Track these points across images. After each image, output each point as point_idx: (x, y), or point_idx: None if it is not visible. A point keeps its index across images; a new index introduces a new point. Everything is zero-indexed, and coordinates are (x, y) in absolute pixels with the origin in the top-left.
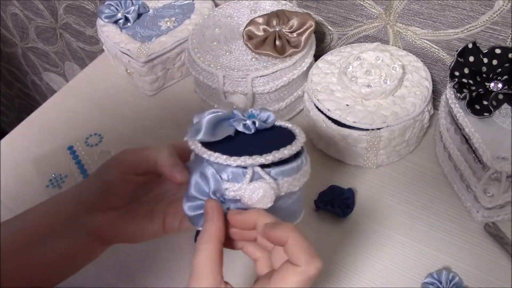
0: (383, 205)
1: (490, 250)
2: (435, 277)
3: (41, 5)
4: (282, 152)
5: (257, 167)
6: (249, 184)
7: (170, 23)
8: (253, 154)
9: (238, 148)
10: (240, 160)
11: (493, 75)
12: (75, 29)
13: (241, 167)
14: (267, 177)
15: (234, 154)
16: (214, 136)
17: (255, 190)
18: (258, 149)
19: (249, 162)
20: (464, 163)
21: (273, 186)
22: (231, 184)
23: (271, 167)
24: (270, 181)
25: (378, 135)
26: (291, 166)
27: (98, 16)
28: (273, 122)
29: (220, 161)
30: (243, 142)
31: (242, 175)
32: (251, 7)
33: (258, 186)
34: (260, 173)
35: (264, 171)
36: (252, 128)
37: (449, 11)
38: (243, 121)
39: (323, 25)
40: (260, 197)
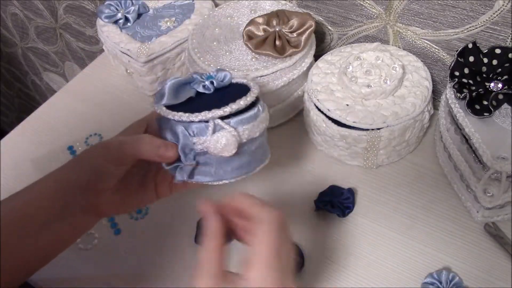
0: (383, 205)
1: (490, 250)
2: (435, 277)
3: (41, 5)
4: (238, 103)
5: (218, 119)
6: (212, 135)
7: (170, 23)
8: (208, 109)
9: (200, 106)
10: (201, 115)
11: (493, 75)
12: (75, 29)
13: (203, 122)
14: (228, 126)
15: (196, 111)
16: (177, 99)
17: (218, 139)
18: (217, 104)
19: (210, 115)
20: (464, 163)
21: (234, 134)
22: (197, 138)
23: (230, 118)
24: (231, 130)
25: (378, 135)
26: (249, 114)
27: (98, 16)
28: (230, 80)
29: (183, 119)
30: (204, 100)
31: (205, 128)
32: (251, 7)
33: (220, 135)
34: (221, 124)
35: (224, 122)
36: (211, 87)
37: (449, 11)
38: (202, 83)
39: (323, 25)
40: (224, 145)
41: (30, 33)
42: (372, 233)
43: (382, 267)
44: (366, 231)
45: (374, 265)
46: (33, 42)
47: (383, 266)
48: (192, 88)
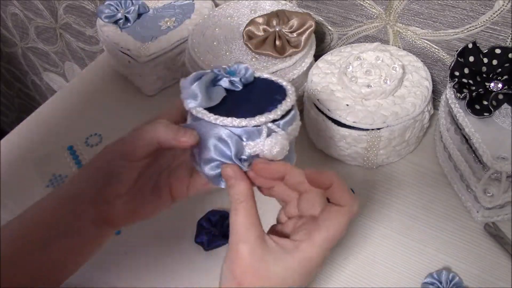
0: (383, 205)
1: (490, 250)
2: (435, 277)
3: (41, 5)
4: (285, 104)
5: (270, 123)
6: (266, 139)
7: (170, 23)
8: (254, 111)
9: (238, 108)
10: (255, 120)
11: (493, 75)
12: (75, 29)
13: (257, 126)
14: (279, 130)
15: (238, 114)
16: (212, 100)
17: (272, 144)
18: (257, 105)
19: (263, 120)
20: (464, 163)
21: (286, 137)
22: (247, 143)
23: (278, 120)
24: (282, 133)
25: (378, 135)
26: (292, 114)
27: (98, 16)
28: (253, 74)
29: (235, 124)
30: (237, 100)
31: (257, 132)
32: (251, 7)
33: (275, 140)
34: (272, 128)
35: (275, 125)
36: (239, 84)
37: (449, 11)
38: (227, 79)
39: (323, 25)
40: (279, 150)
41: (30, 33)
42: (372, 233)
43: (382, 267)
44: (366, 231)
45: (374, 265)
46: (33, 42)
47: (383, 266)
48: (219, 85)
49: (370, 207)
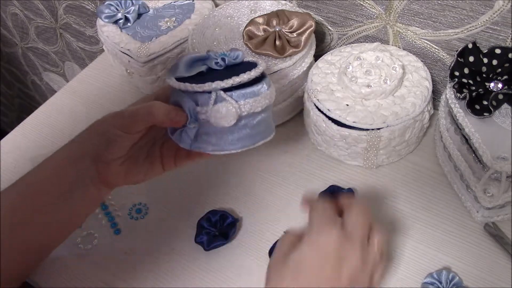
0: (383, 205)
1: (490, 250)
2: (435, 277)
3: (41, 5)
4: (241, 77)
5: (220, 91)
6: (214, 106)
7: (170, 23)
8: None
9: (207, 80)
10: (205, 86)
11: (493, 75)
12: (75, 29)
13: (207, 92)
14: (229, 98)
15: (200, 83)
16: (189, 72)
17: (218, 109)
18: (223, 78)
19: (213, 86)
20: (464, 163)
21: (235, 106)
22: (200, 108)
23: (233, 91)
24: (232, 102)
25: (378, 135)
26: (252, 89)
27: (98, 16)
28: (242, 58)
29: (189, 89)
30: (213, 75)
31: (208, 99)
32: (251, 7)
33: (221, 106)
34: (223, 96)
35: (226, 94)
36: (222, 63)
37: (449, 11)
38: (215, 59)
39: (323, 25)
40: (223, 115)
41: (30, 33)
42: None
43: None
44: None
45: None
46: (33, 42)
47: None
48: (205, 64)
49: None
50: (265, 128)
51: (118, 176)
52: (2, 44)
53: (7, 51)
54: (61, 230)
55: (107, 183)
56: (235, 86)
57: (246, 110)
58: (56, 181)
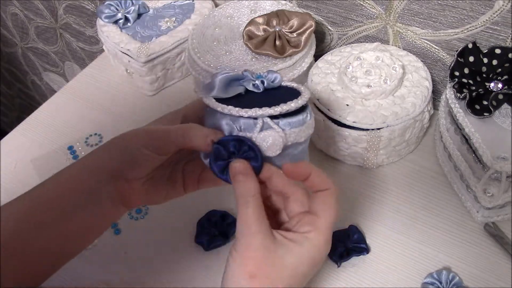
0: (383, 205)
1: (490, 250)
2: (435, 277)
3: (41, 5)
4: (289, 105)
5: (267, 118)
6: (259, 133)
7: (170, 23)
8: (263, 107)
9: (249, 103)
10: (251, 111)
11: (493, 75)
12: (75, 29)
13: (252, 118)
14: (276, 126)
15: (245, 107)
16: (227, 93)
17: (265, 138)
18: (267, 103)
19: (259, 113)
20: (464, 163)
21: (281, 135)
22: (243, 134)
23: (279, 119)
24: (279, 131)
25: (378, 135)
26: (298, 118)
27: (98, 16)
28: (280, 82)
29: (233, 113)
30: (253, 99)
31: (253, 125)
32: (251, 7)
33: (268, 134)
34: (270, 123)
35: (273, 122)
36: (261, 87)
37: (449, 11)
38: (252, 81)
39: (323, 25)
40: (270, 145)
41: (30, 33)
42: (372, 233)
43: (382, 267)
44: (366, 231)
45: (374, 265)
46: (33, 42)
47: (383, 266)
48: (242, 85)
49: (370, 207)
50: (304, 157)
51: (138, 196)
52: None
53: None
54: (71, 244)
55: (125, 202)
56: (282, 114)
57: (291, 140)
58: (69, 193)
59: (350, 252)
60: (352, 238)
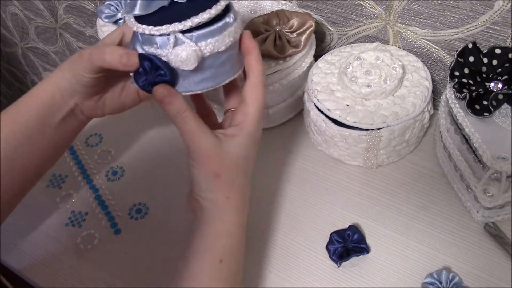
0: (383, 205)
1: (490, 250)
2: (435, 277)
3: (41, 5)
4: (200, 17)
5: (179, 33)
6: (173, 49)
7: None
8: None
9: (167, 18)
10: (162, 29)
11: (493, 75)
12: (75, 29)
13: (166, 35)
14: (188, 41)
15: (163, 22)
16: (149, 8)
17: (178, 53)
18: (183, 17)
19: (170, 29)
20: (464, 163)
21: (195, 49)
22: (160, 51)
23: (193, 32)
24: (192, 44)
25: (378, 135)
26: (213, 28)
27: (98, 16)
28: None
29: (145, 32)
30: (174, 11)
31: (168, 41)
32: (251, 7)
33: (181, 49)
34: (182, 38)
35: (185, 36)
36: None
37: (449, 11)
38: None
39: (323, 25)
40: (183, 59)
41: (30, 33)
42: (372, 233)
43: (382, 267)
44: (366, 231)
45: (374, 265)
46: (33, 42)
47: (383, 266)
48: None
49: (370, 207)
50: (231, 67)
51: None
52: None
53: (7, 51)
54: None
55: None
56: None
57: (208, 51)
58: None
59: (350, 252)
60: (352, 238)
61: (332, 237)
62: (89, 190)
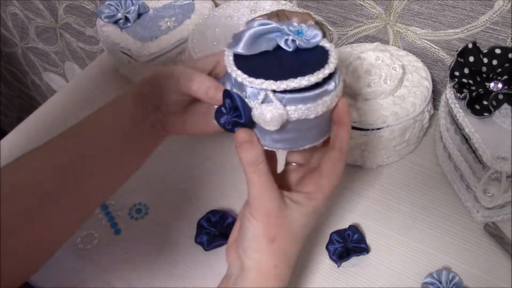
0: (383, 205)
1: (490, 250)
2: (435, 277)
3: (41, 5)
4: (298, 82)
5: (270, 91)
6: (260, 105)
7: (170, 23)
8: (275, 77)
9: (266, 67)
10: (255, 83)
11: (493, 75)
12: (75, 29)
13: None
14: (277, 102)
15: (260, 73)
16: (252, 49)
17: (263, 112)
18: (283, 71)
19: (263, 86)
20: (464, 163)
21: (281, 112)
22: (248, 101)
23: (286, 93)
24: (280, 107)
25: (378, 135)
26: (307, 95)
27: (98, 16)
28: (317, 43)
29: (238, 79)
30: (276, 60)
31: (257, 94)
32: (251, 7)
33: (267, 109)
34: (271, 97)
35: (276, 96)
36: (291, 46)
37: (449, 11)
38: (286, 37)
39: (323, 25)
40: (266, 119)
41: (30, 33)
42: (372, 233)
43: (382, 267)
44: (366, 231)
45: (374, 265)
46: (33, 42)
47: (383, 266)
48: (273, 39)
49: (370, 207)
50: (316, 134)
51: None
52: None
53: (7, 51)
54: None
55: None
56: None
57: (296, 117)
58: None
59: (350, 252)
60: (352, 238)
61: (332, 237)
62: None
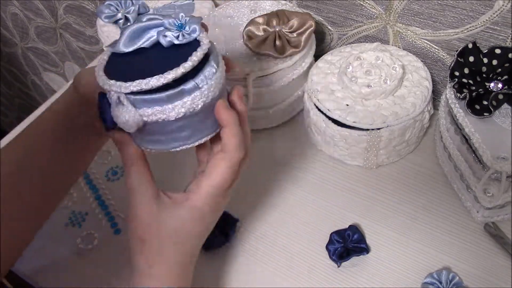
0: (383, 205)
1: (490, 250)
2: (435, 277)
3: (41, 5)
4: (146, 83)
5: (122, 93)
6: (116, 107)
7: None
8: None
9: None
10: (108, 84)
11: (493, 75)
12: (75, 29)
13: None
14: (128, 104)
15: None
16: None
17: (116, 114)
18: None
19: (113, 88)
20: (464, 163)
21: (132, 115)
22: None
23: (137, 95)
24: (130, 110)
25: (378, 135)
26: (157, 96)
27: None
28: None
29: (99, 82)
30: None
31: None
32: (251, 7)
33: (119, 111)
34: (122, 99)
35: (127, 98)
36: (165, 42)
37: (449, 11)
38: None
39: (323, 25)
40: (121, 122)
41: (30, 33)
42: (372, 233)
43: (382, 267)
44: (366, 231)
45: (374, 265)
46: (33, 42)
47: (383, 266)
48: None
49: (370, 207)
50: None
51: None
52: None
53: (7, 51)
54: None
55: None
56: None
57: (152, 119)
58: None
59: (350, 252)
60: (352, 238)
61: (332, 237)
62: (89, 190)
